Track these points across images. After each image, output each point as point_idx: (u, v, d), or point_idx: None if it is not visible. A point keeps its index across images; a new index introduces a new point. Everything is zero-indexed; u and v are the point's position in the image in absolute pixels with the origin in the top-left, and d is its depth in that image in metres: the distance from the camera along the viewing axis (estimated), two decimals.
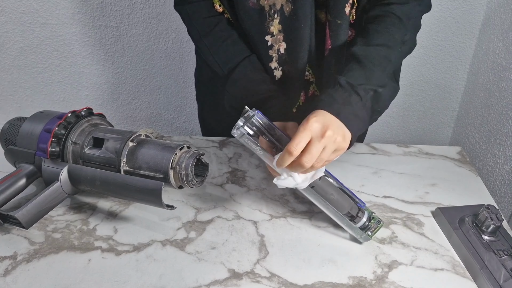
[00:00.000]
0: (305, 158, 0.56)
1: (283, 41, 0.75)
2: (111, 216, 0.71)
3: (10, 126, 0.73)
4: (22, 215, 0.62)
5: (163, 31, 1.40)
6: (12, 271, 0.61)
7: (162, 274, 0.61)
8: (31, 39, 1.39)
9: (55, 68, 1.45)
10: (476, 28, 1.30)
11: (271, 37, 0.74)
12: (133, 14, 1.37)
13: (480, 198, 0.77)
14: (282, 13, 0.72)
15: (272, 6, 0.71)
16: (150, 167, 0.64)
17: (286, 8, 0.71)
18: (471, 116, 1.35)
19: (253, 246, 0.66)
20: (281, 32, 0.74)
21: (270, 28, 0.73)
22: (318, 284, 0.60)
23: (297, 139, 0.55)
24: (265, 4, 0.71)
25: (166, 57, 1.46)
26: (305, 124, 0.57)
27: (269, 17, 0.72)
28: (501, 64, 1.17)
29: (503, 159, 1.14)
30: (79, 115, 0.71)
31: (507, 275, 0.59)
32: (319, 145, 0.56)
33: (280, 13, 0.72)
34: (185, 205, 0.74)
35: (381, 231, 0.69)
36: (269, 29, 0.73)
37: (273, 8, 0.71)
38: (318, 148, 0.56)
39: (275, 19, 0.72)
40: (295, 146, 0.55)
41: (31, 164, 0.70)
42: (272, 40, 0.75)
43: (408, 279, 0.61)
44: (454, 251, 0.66)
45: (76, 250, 0.65)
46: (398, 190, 0.79)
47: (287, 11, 0.71)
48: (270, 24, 0.73)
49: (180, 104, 1.57)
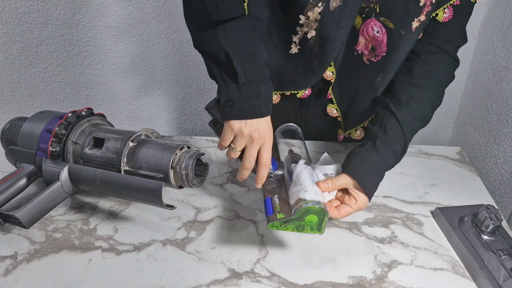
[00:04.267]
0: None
1: (314, 29, 0.70)
2: (111, 216, 0.71)
3: (11, 126, 0.73)
4: (23, 215, 0.63)
5: (163, 32, 1.41)
6: (13, 271, 0.61)
7: (163, 273, 0.61)
8: (31, 39, 1.39)
9: (55, 68, 1.45)
10: (476, 29, 1.31)
11: (305, 19, 0.69)
12: (133, 14, 1.37)
13: (479, 198, 0.78)
14: (327, 6, 0.67)
15: None
16: (150, 167, 0.64)
17: (334, 3, 0.66)
18: (471, 116, 1.35)
19: (253, 246, 0.66)
20: (316, 22, 0.69)
21: (308, 12, 0.68)
22: (318, 283, 0.60)
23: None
24: None
25: (166, 57, 1.46)
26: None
27: (313, 2, 0.67)
28: (501, 64, 1.17)
29: (502, 159, 1.14)
30: (79, 115, 0.71)
31: (506, 274, 0.59)
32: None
33: (325, 4, 0.67)
34: (185, 205, 0.74)
35: (381, 231, 0.69)
36: (305, 13, 0.68)
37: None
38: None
39: (317, 7, 0.67)
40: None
41: (32, 164, 0.70)
42: (305, 21, 0.69)
43: (407, 278, 0.61)
44: (453, 251, 0.66)
45: (76, 249, 0.65)
46: (398, 190, 0.79)
47: (333, 6, 0.67)
48: (310, 13, 0.68)
49: (180, 104, 1.57)
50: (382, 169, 0.68)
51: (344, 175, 0.65)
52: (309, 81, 0.79)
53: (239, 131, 0.63)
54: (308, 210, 0.58)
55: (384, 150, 0.67)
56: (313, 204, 0.58)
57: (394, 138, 0.69)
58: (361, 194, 0.65)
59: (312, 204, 0.58)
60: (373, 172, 0.66)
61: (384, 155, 0.67)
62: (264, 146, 0.64)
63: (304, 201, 0.59)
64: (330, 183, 0.64)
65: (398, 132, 0.69)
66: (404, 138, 0.69)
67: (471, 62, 1.35)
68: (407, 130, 0.70)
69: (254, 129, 0.63)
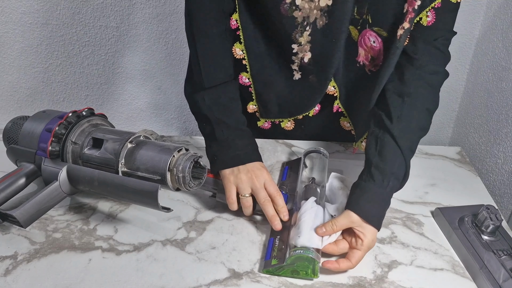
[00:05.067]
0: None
1: (309, 51, 0.73)
2: (111, 216, 0.71)
3: (12, 125, 0.73)
4: (21, 214, 0.62)
5: (163, 32, 1.41)
6: (13, 271, 0.61)
7: (163, 273, 0.61)
8: (31, 39, 1.39)
9: (55, 68, 1.45)
10: (476, 29, 1.30)
11: (297, 46, 0.72)
12: (133, 14, 1.37)
13: (479, 198, 0.78)
14: (314, 26, 0.69)
15: (306, 18, 0.69)
16: (148, 168, 0.64)
17: (320, 22, 0.69)
18: (471, 116, 1.35)
19: (253, 246, 0.66)
20: (309, 43, 0.72)
21: (298, 38, 0.71)
22: (318, 284, 0.60)
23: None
24: (298, 15, 0.68)
25: (166, 57, 1.46)
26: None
27: (301, 28, 0.70)
28: (501, 64, 1.17)
29: (502, 159, 1.14)
30: (80, 115, 0.71)
31: (506, 275, 0.59)
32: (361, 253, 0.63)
33: (313, 25, 0.69)
34: (185, 205, 0.74)
35: (381, 231, 0.69)
36: (296, 39, 0.71)
37: (306, 20, 0.69)
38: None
39: (306, 30, 0.70)
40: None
41: (32, 163, 0.70)
42: (298, 49, 0.73)
43: (407, 279, 0.62)
44: (453, 251, 0.66)
45: (76, 250, 0.65)
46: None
47: (320, 24, 0.69)
48: (298, 35, 0.71)
49: (180, 104, 1.57)
50: (384, 196, 0.65)
51: (345, 214, 0.63)
52: (315, 100, 0.81)
53: (236, 177, 0.69)
54: (298, 258, 0.60)
55: (382, 177, 0.64)
56: (301, 252, 0.60)
57: (392, 161, 0.65)
58: (366, 229, 0.62)
59: (300, 252, 0.60)
60: (374, 202, 0.64)
61: (382, 183, 0.64)
62: (267, 183, 0.69)
63: (294, 248, 0.61)
64: (329, 227, 0.63)
65: (395, 153, 0.66)
66: (403, 158, 0.66)
67: (471, 62, 1.35)
68: (405, 148, 0.66)
69: (248, 170, 0.69)
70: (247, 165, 0.70)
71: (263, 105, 0.83)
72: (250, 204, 0.69)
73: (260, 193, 0.68)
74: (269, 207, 0.67)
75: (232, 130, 0.72)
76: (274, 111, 0.84)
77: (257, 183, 0.68)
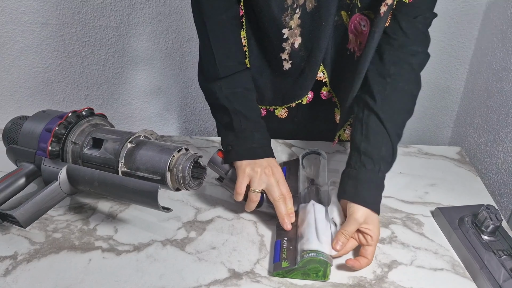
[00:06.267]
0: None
1: (299, 36, 0.73)
2: (111, 216, 0.71)
3: (12, 125, 0.73)
4: (20, 214, 0.62)
5: (163, 31, 1.41)
6: (13, 271, 0.61)
7: (163, 274, 0.61)
8: (31, 39, 1.39)
9: (55, 68, 1.45)
10: (475, 29, 1.31)
11: (288, 30, 0.72)
12: (133, 14, 1.37)
13: (479, 198, 0.78)
14: (304, 9, 0.70)
15: (295, 0, 0.69)
16: (148, 168, 0.64)
17: (309, 4, 0.69)
18: (471, 116, 1.35)
19: (253, 246, 0.66)
20: (299, 27, 0.72)
21: (289, 21, 0.71)
22: (318, 284, 0.60)
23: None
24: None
25: (166, 57, 1.46)
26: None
27: (291, 11, 0.70)
28: (500, 64, 1.17)
29: (502, 159, 1.14)
30: (80, 115, 0.71)
31: (506, 275, 0.59)
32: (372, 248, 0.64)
33: (302, 8, 0.70)
34: (185, 205, 0.75)
35: (381, 231, 0.69)
36: (286, 22, 0.71)
37: (296, 2, 0.69)
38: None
39: (296, 13, 0.70)
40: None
41: (32, 163, 0.70)
42: (289, 33, 0.73)
43: (407, 279, 0.62)
44: (453, 251, 0.66)
45: (76, 250, 0.65)
46: (398, 190, 0.79)
47: (309, 7, 0.70)
48: (288, 18, 0.71)
49: (180, 104, 1.57)
50: (378, 182, 0.67)
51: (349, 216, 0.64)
52: (307, 86, 0.81)
53: (252, 170, 0.68)
54: (310, 260, 0.59)
55: (373, 162, 0.66)
56: (314, 255, 0.59)
57: (380, 144, 0.67)
58: (371, 224, 0.64)
59: (313, 255, 0.59)
60: (371, 189, 0.66)
61: (374, 168, 0.66)
62: (280, 182, 0.69)
63: (307, 251, 0.60)
64: (343, 238, 0.63)
65: (382, 135, 0.68)
66: (390, 140, 0.68)
67: (471, 62, 1.35)
68: (391, 130, 0.68)
69: (266, 166, 0.69)
70: (264, 160, 0.69)
71: (259, 91, 0.83)
72: (258, 200, 0.69)
73: (275, 191, 0.67)
74: (283, 205, 0.67)
75: (250, 121, 0.72)
76: (269, 97, 0.84)
77: (273, 180, 0.68)
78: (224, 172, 0.72)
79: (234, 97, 0.72)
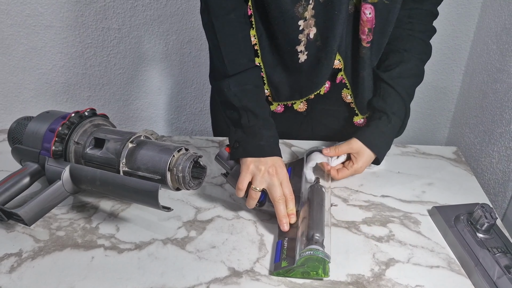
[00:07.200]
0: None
1: (314, 26, 0.74)
2: (113, 215, 0.72)
3: (17, 125, 0.74)
4: (25, 213, 0.64)
5: (164, 33, 1.42)
6: (18, 268, 0.62)
7: (164, 272, 0.62)
8: (35, 41, 1.40)
9: (59, 70, 1.46)
10: (471, 31, 1.32)
11: (303, 21, 0.73)
12: (135, 16, 1.38)
13: (475, 197, 0.78)
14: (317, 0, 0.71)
15: None
16: (148, 168, 0.65)
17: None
18: (466, 117, 1.36)
19: (253, 245, 0.67)
20: (313, 17, 0.72)
21: (302, 12, 0.71)
22: (317, 282, 0.61)
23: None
24: None
25: (166, 58, 1.47)
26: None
27: (304, 2, 0.70)
28: (495, 66, 1.18)
29: (497, 159, 1.15)
30: (82, 115, 0.72)
31: (500, 272, 0.60)
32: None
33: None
34: (186, 205, 0.75)
35: (379, 229, 0.70)
36: (300, 13, 0.72)
37: None
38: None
39: (309, 4, 0.71)
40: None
41: (36, 163, 0.71)
42: (304, 24, 0.73)
43: (404, 276, 0.62)
44: (449, 249, 0.67)
45: (79, 247, 0.66)
46: (396, 190, 0.80)
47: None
48: (300, 9, 0.71)
49: (180, 104, 1.58)
50: (387, 131, 0.77)
51: (348, 141, 0.76)
52: (324, 76, 0.81)
53: (256, 168, 0.69)
54: (308, 259, 0.60)
55: (386, 115, 0.77)
56: (311, 253, 0.60)
57: (392, 102, 0.77)
58: (360, 157, 0.76)
59: (310, 253, 0.60)
60: (377, 134, 0.77)
61: (386, 119, 0.77)
62: (284, 183, 0.69)
63: (304, 249, 0.61)
64: (333, 150, 0.77)
65: (396, 96, 0.77)
66: (402, 99, 0.78)
67: (467, 63, 1.36)
68: (403, 91, 0.78)
69: (270, 165, 0.69)
70: (270, 158, 0.70)
71: (274, 88, 0.83)
72: (257, 198, 0.69)
73: (277, 191, 0.68)
74: (282, 206, 0.68)
75: (259, 119, 0.72)
76: (286, 93, 0.84)
77: (276, 180, 0.68)
78: (229, 168, 0.73)
79: (243, 94, 0.73)
